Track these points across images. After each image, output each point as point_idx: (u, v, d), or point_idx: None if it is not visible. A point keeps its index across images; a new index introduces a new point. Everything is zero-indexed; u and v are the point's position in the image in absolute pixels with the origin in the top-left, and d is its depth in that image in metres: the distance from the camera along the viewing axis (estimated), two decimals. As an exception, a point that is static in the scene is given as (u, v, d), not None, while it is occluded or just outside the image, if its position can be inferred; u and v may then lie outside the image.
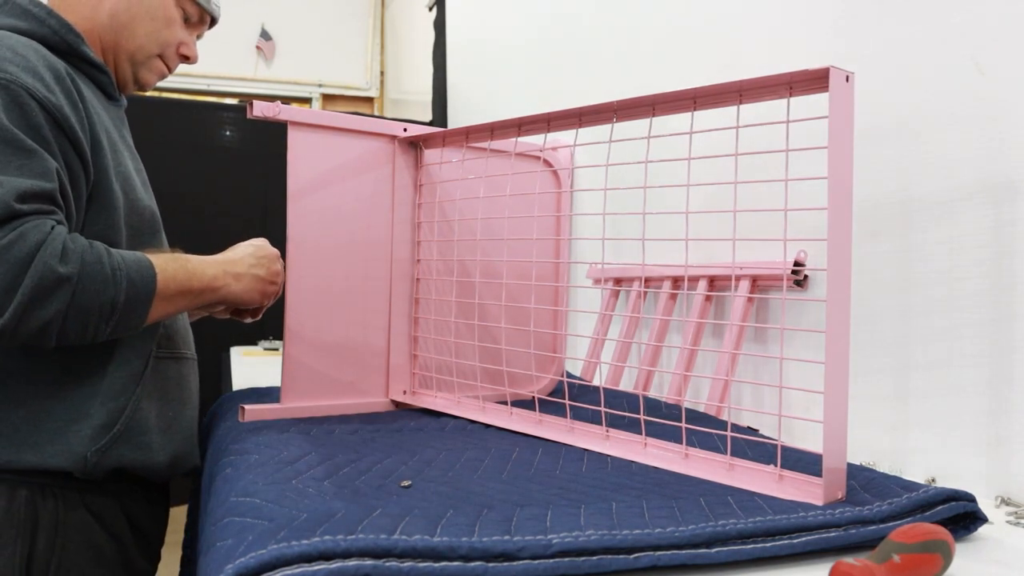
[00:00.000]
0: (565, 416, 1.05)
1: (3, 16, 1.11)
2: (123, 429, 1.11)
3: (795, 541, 0.66)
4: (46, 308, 0.95)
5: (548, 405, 1.19)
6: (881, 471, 0.86)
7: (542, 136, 1.06)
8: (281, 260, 1.22)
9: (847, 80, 0.75)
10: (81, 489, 1.11)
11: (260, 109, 1.13)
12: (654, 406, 1.25)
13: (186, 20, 1.27)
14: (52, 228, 0.96)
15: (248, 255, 1.19)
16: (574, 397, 1.13)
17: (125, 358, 1.13)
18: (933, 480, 0.98)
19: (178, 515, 1.34)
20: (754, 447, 0.94)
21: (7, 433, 1.06)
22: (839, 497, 0.75)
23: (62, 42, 1.12)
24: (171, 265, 1.09)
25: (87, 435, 1.08)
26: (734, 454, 0.85)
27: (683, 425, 0.91)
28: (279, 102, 1.21)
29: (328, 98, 4.96)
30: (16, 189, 0.95)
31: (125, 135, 1.23)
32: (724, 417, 1.21)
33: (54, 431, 1.07)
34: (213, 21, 1.33)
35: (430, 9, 3.08)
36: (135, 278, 1.03)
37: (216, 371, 1.46)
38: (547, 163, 1.35)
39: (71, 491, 1.10)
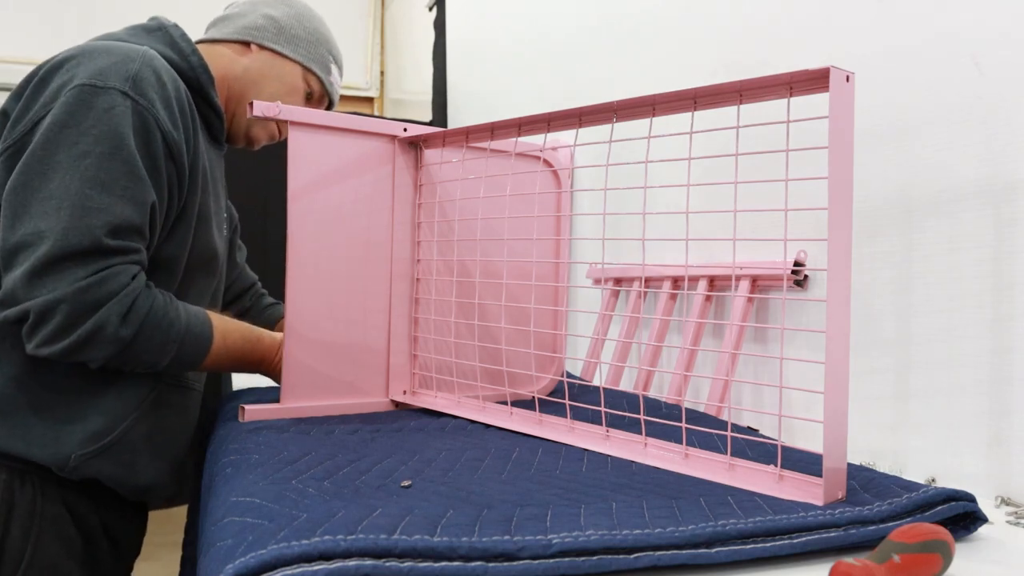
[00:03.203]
0: (565, 416, 1.05)
1: (154, 41, 1.19)
2: (112, 442, 1.13)
3: (795, 541, 0.65)
4: (91, 352, 1.04)
5: (548, 405, 1.19)
6: (881, 471, 0.86)
7: (542, 136, 1.06)
8: None
9: (847, 80, 0.74)
10: (60, 484, 1.13)
11: (260, 109, 1.13)
12: (654, 406, 1.24)
13: (308, 95, 1.36)
14: (131, 279, 1.04)
15: None
16: (574, 397, 1.13)
17: (137, 377, 1.16)
18: (933, 480, 0.98)
19: (178, 515, 1.34)
20: (754, 447, 0.94)
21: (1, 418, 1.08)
22: (839, 497, 0.75)
23: (195, 80, 1.20)
24: (235, 348, 1.19)
25: (78, 438, 1.10)
26: (734, 454, 0.85)
27: (683, 425, 0.91)
28: (279, 101, 1.21)
29: (328, 98, 4.95)
30: (109, 223, 1.02)
31: (219, 177, 1.31)
32: (724, 417, 1.21)
33: (48, 426, 1.09)
34: (331, 104, 1.42)
35: (430, 9, 3.08)
36: (187, 350, 1.12)
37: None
38: (547, 163, 1.35)
39: (50, 484, 1.12)
